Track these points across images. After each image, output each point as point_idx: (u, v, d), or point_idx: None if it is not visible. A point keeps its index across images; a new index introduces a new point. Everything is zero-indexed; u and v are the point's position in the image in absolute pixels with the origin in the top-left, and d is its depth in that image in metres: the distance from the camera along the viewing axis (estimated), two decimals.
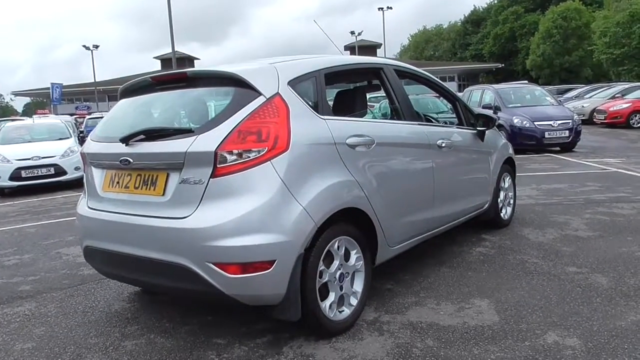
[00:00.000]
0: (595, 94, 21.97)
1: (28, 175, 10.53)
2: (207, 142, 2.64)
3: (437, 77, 4.66)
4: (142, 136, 2.91)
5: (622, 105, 18.03)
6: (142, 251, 2.82)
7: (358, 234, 3.10)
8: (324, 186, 2.84)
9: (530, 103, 13.28)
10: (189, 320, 3.33)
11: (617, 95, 19.74)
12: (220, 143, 2.61)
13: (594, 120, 18.94)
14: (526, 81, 27.41)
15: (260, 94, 2.78)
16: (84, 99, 56.35)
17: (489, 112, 11.27)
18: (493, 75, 54.74)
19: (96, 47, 44.95)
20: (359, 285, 3.12)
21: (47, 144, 11.40)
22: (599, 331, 2.83)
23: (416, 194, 3.69)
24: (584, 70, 43.08)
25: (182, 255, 2.64)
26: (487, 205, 4.83)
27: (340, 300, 3.01)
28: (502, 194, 5.12)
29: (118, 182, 3.05)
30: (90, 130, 15.88)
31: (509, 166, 5.29)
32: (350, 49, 64.93)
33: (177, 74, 3.10)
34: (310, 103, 3.01)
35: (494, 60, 54.79)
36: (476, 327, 2.97)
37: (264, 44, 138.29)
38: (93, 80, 46.53)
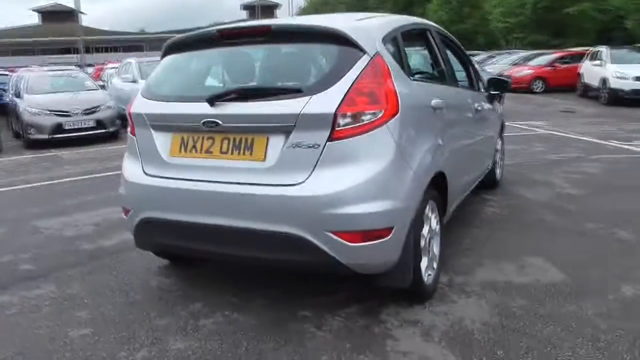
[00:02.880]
0: (497, 61, 23.41)
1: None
2: (324, 103, 2.43)
3: None
4: (233, 95, 2.61)
5: (526, 71, 19.41)
6: (235, 221, 2.57)
7: (439, 198, 3.07)
8: (425, 149, 2.77)
9: None
10: (252, 295, 3.10)
11: (518, 62, 21.20)
12: (339, 104, 2.42)
13: None
14: None
15: (364, 52, 2.58)
16: None
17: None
18: None
19: None
20: (437, 249, 3.11)
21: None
22: None
23: (468, 156, 3.75)
24: (477, 38, 45.62)
25: (294, 225, 2.45)
26: (491, 166, 5.01)
27: (429, 264, 2.98)
28: (497, 155, 5.34)
29: (195, 147, 2.71)
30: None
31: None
32: (249, 8, 63.05)
33: (259, 27, 2.80)
34: (399, 64, 2.87)
35: None
36: (552, 285, 3.09)
37: None
38: None
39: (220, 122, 2.58)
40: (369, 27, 2.74)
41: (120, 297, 3.18)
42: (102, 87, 13.36)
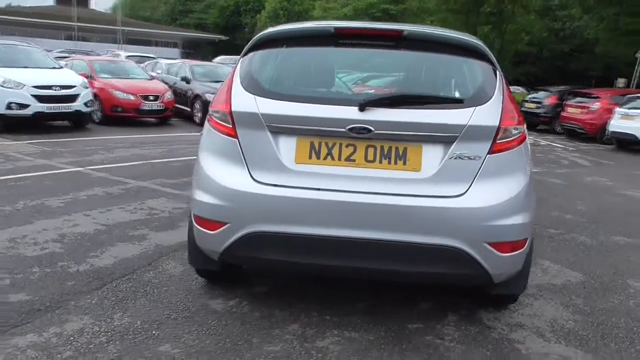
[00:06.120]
0: None
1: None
2: (489, 115, 2.48)
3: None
4: (386, 101, 2.48)
5: None
6: (384, 234, 2.45)
7: None
8: None
9: None
10: (339, 311, 2.94)
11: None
12: (500, 118, 2.49)
13: None
14: None
15: (497, 69, 2.70)
16: None
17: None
18: (216, 46, 55.55)
19: None
20: None
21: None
22: None
23: None
24: None
25: (454, 237, 2.43)
26: None
27: None
28: None
29: (330, 154, 2.50)
30: None
31: None
32: None
33: (389, 31, 2.69)
34: None
35: (219, 32, 55.65)
36: (582, 284, 3.54)
37: None
38: None
39: (372, 129, 2.43)
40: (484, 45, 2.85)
41: (192, 325, 2.73)
42: None
